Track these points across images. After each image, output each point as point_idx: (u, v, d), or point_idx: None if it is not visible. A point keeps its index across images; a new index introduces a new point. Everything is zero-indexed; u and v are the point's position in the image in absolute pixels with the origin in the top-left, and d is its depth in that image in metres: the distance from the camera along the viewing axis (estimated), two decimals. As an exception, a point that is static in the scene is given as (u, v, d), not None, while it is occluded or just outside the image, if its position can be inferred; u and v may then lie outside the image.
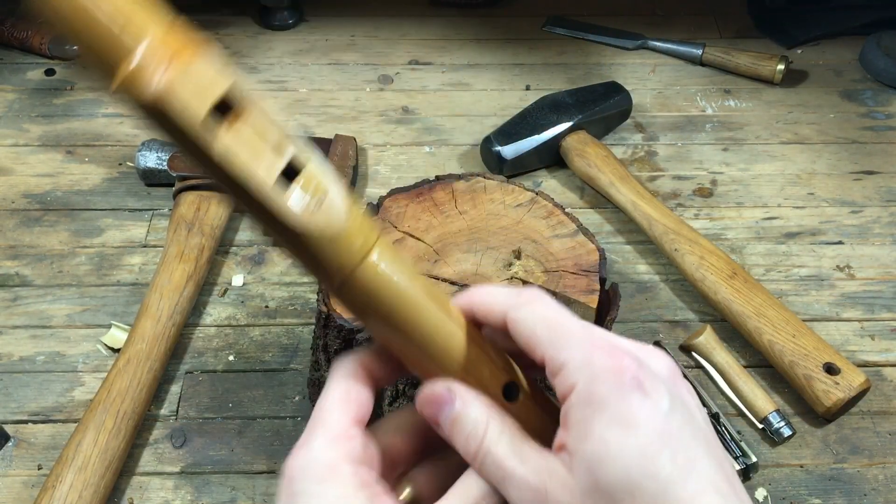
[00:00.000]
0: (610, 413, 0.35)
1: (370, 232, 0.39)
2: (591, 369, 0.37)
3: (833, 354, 0.84)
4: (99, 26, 0.34)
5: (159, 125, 0.35)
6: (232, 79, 0.35)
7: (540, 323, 0.39)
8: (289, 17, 1.31)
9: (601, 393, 0.36)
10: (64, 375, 0.86)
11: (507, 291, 0.42)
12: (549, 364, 0.38)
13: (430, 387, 0.41)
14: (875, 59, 1.23)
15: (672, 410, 0.36)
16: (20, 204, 1.03)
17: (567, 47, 1.30)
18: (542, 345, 0.39)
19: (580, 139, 1.07)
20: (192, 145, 0.35)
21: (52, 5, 0.34)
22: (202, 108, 0.34)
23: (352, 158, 1.06)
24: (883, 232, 1.03)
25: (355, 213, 0.38)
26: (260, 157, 0.35)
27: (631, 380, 0.36)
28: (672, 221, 0.96)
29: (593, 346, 0.38)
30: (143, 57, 0.34)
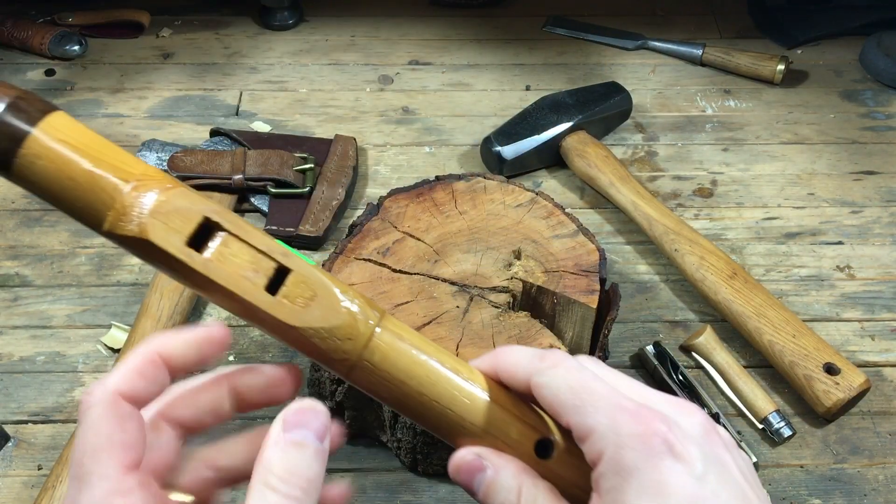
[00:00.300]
0: (640, 481, 0.34)
1: (370, 316, 0.40)
2: (618, 436, 0.36)
3: (833, 355, 0.84)
4: (78, 193, 0.38)
5: (146, 256, 0.38)
6: (205, 209, 0.39)
7: (564, 388, 0.38)
8: (289, 17, 1.31)
9: (630, 460, 0.35)
10: (64, 375, 0.86)
11: (531, 354, 0.41)
12: (576, 430, 0.37)
13: (460, 454, 0.40)
14: (875, 59, 1.23)
15: (706, 473, 0.35)
16: (20, 204, 1.03)
17: (567, 47, 1.30)
18: (567, 412, 0.38)
19: (580, 139, 1.07)
20: (176, 270, 0.38)
21: (34, 185, 0.39)
22: (180, 239, 0.38)
23: (352, 158, 1.06)
24: (883, 232, 1.03)
25: (351, 302, 0.40)
26: (243, 269, 0.39)
27: (661, 444, 0.35)
28: (672, 221, 0.96)
29: (619, 409, 0.37)
30: (121, 205, 0.38)
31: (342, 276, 0.77)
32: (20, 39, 1.23)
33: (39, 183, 0.39)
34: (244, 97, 1.19)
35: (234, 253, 0.39)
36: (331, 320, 0.39)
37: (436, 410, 0.40)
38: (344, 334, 0.39)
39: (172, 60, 1.25)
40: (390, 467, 0.80)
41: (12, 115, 0.38)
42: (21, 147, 0.38)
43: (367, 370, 0.40)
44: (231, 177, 1.00)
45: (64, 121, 0.39)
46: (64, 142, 0.39)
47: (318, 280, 0.39)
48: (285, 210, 1.00)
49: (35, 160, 0.39)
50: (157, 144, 1.05)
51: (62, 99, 1.18)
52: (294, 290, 0.39)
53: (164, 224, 0.38)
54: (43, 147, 0.38)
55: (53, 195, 0.39)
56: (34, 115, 0.38)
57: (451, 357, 0.42)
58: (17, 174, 0.39)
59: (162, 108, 1.17)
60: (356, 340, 0.40)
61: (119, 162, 0.39)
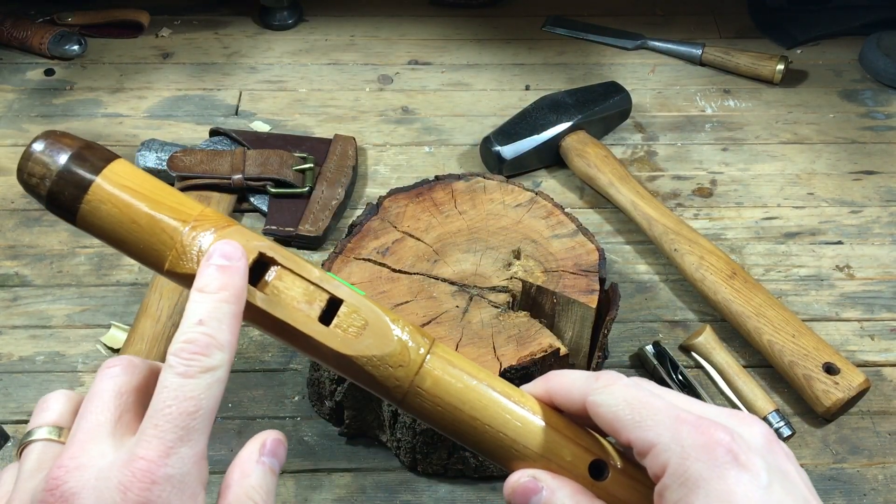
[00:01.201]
0: (707, 492, 0.34)
1: (421, 343, 0.42)
2: (682, 447, 0.35)
3: (833, 354, 0.84)
4: (141, 235, 0.41)
5: None
6: (260, 245, 0.41)
7: (621, 405, 0.39)
8: (288, 17, 1.31)
9: (695, 471, 0.35)
10: (64, 375, 0.86)
11: (584, 376, 0.41)
12: (637, 445, 0.37)
13: (515, 477, 0.40)
14: (875, 59, 1.23)
15: (771, 483, 0.35)
16: (20, 204, 1.03)
17: (567, 47, 1.30)
18: (626, 427, 0.38)
19: (580, 139, 1.07)
20: None
21: (99, 229, 0.41)
22: None
23: (351, 158, 1.06)
24: (882, 232, 1.03)
25: (402, 330, 0.41)
26: (297, 301, 0.41)
27: (725, 454, 0.35)
28: (672, 221, 0.96)
29: (680, 422, 0.37)
30: (181, 245, 0.40)
31: (342, 276, 0.77)
32: (20, 39, 1.23)
33: (104, 227, 0.41)
34: (244, 97, 1.19)
35: (288, 286, 0.41)
36: (383, 348, 0.40)
37: (489, 435, 0.41)
38: (396, 361, 0.41)
39: (172, 60, 1.25)
40: (390, 467, 0.80)
41: (77, 164, 0.41)
42: (86, 194, 0.41)
43: (419, 396, 0.41)
44: (230, 176, 1.00)
45: (125, 168, 0.42)
46: (125, 187, 0.41)
47: (370, 309, 0.41)
48: (285, 210, 1.00)
49: (99, 205, 0.41)
50: (157, 144, 1.05)
51: (62, 99, 1.18)
52: (346, 320, 0.41)
53: None
54: (106, 193, 0.41)
55: (117, 238, 0.41)
56: (97, 163, 0.41)
57: (501, 382, 0.43)
58: (83, 220, 0.41)
59: (161, 108, 1.17)
60: (408, 367, 0.41)
61: (177, 204, 0.41)
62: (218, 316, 0.38)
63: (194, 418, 0.36)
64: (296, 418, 0.84)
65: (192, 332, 0.37)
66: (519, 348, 0.72)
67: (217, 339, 0.37)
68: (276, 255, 0.41)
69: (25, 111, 1.15)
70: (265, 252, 0.41)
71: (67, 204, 0.41)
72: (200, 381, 0.36)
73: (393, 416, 0.76)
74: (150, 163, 1.03)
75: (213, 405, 0.37)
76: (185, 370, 0.36)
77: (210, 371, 0.37)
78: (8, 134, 1.12)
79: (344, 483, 0.79)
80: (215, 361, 0.37)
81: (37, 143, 0.41)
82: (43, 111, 1.15)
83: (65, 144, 0.41)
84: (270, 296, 0.40)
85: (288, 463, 0.80)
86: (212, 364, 0.37)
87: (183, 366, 0.36)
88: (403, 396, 0.41)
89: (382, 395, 0.42)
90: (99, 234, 0.42)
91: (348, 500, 0.78)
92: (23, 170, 0.41)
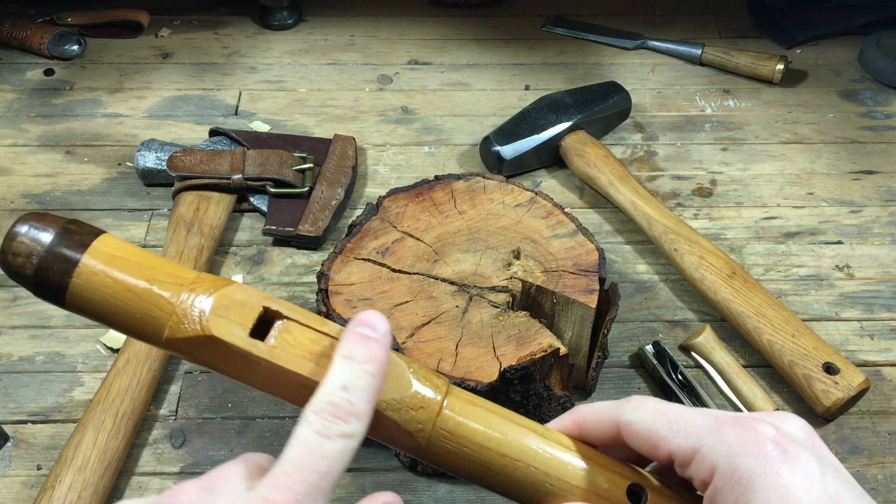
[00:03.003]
0: (764, 487, 0.33)
1: (437, 384, 0.41)
2: (727, 446, 0.35)
3: (832, 354, 0.84)
4: (136, 305, 0.39)
5: (209, 355, 0.39)
6: (263, 300, 0.40)
7: (657, 416, 0.38)
8: (288, 17, 1.31)
9: (746, 468, 0.34)
10: (63, 375, 0.86)
11: (612, 402, 0.41)
12: (679, 455, 0.37)
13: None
14: (874, 59, 1.23)
15: (824, 474, 0.34)
16: (19, 204, 1.03)
17: (567, 47, 1.30)
18: (666, 438, 0.37)
19: (579, 139, 1.07)
20: (242, 364, 0.39)
21: (91, 306, 0.40)
22: (243, 331, 0.39)
23: (351, 158, 1.06)
24: (882, 232, 1.03)
25: (416, 372, 0.40)
26: (307, 351, 0.39)
27: (773, 448, 0.34)
28: (671, 221, 0.96)
29: (721, 422, 0.36)
30: (181, 310, 0.39)
31: (341, 276, 0.77)
32: (19, 39, 1.23)
33: (96, 300, 0.40)
34: (243, 97, 1.19)
35: (296, 337, 0.40)
36: (402, 391, 0.40)
37: (520, 471, 0.40)
38: (416, 403, 0.40)
39: (171, 60, 1.25)
40: (389, 467, 0.80)
41: (64, 239, 0.39)
42: (77, 267, 0.39)
43: (444, 439, 0.40)
44: (230, 176, 1.00)
45: (113, 240, 0.41)
46: (117, 257, 0.40)
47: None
48: (284, 210, 1.00)
49: (91, 277, 0.39)
50: (157, 144, 1.05)
51: (61, 99, 1.18)
52: None
53: (226, 319, 0.39)
54: (97, 264, 0.40)
55: (111, 311, 0.40)
56: (85, 237, 0.40)
57: (524, 418, 0.42)
58: (73, 296, 0.40)
59: (161, 108, 1.17)
60: (429, 409, 0.40)
61: (172, 269, 0.40)
62: (361, 385, 0.38)
63: (324, 479, 0.36)
64: (295, 418, 0.84)
65: (335, 395, 0.37)
66: (519, 348, 0.72)
67: (357, 407, 0.37)
68: (281, 308, 0.40)
69: (25, 111, 1.15)
70: (269, 306, 0.40)
71: (56, 280, 0.39)
72: (336, 445, 0.36)
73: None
74: (149, 163, 1.03)
75: (340, 471, 0.37)
76: (324, 430, 0.36)
77: (346, 437, 0.37)
78: (8, 134, 1.12)
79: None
80: (352, 429, 0.37)
81: (19, 225, 0.40)
82: (43, 111, 1.15)
83: (49, 222, 0.40)
84: (279, 348, 0.39)
85: (288, 463, 0.80)
86: (349, 431, 0.37)
87: (322, 425, 0.36)
88: (427, 441, 0.40)
89: (405, 446, 0.41)
90: (90, 310, 0.40)
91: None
92: (6, 251, 0.39)
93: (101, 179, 1.07)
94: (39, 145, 1.10)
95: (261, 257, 0.98)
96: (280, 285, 0.95)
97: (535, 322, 0.74)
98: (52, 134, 1.12)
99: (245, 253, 0.99)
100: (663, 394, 0.86)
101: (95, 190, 1.05)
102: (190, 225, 0.96)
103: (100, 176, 1.07)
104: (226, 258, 0.98)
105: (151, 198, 1.05)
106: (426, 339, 0.72)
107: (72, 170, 1.07)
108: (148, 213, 1.03)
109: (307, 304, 0.93)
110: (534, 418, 0.43)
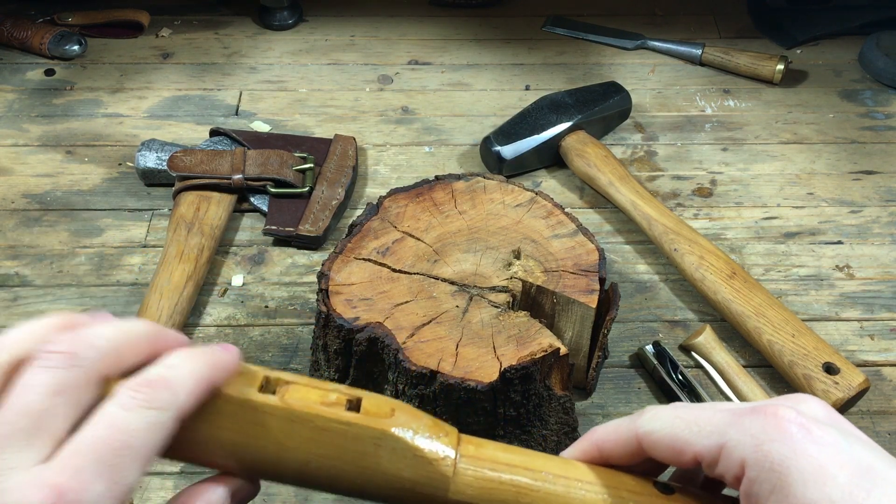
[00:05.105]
0: (798, 471, 0.33)
1: (449, 435, 0.40)
2: (752, 436, 0.35)
3: (832, 354, 0.84)
4: None
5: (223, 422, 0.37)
6: (263, 371, 0.39)
7: (676, 423, 0.38)
8: (288, 17, 1.31)
9: (776, 453, 0.34)
10: (64, 375, 0.86)
11: (625, 418, 0.40)
12: (706, 455, 0.36)
13: None
14: (874, 59, 1.23)
15: (852, 447, 0.34)
16: (20, 204, 1.03)
17: (567, 47, 1.30)
18: (688, 441, 0.37)
19: (580, 139, 1.07)
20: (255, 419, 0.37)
21: None
22: (253, 385, 0.38)
23: (351, 158, 1.06)
24: (882, 232, 1.03)
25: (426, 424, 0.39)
26: (319, 401, 0.38)
27: (798, 430, 0.34)
28: (671, 221, 0.96)
29: (739, 414, 0.36)
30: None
31: (342, 276, 0.77)
32: (20, 39, 1.23)
33: None
34: (244, 97, 1.19)
35: (304, 394, 0.39)
36: (420, 420, 0.39)
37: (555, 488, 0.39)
38: (437, 430, 0.39)
39: (172, 60, 1.25)
40: (390, 467, 0.80)
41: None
42: None
43: (472, 460, 0.39)
44: (230, 176, 1.00)
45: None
46: None
47: (390, 400, 0.40)
48: (285, 210, 1.00)
49: None
50: (157, 144, 1.05)
51: (62, 99, 1.18)
52: (373, 409, 0.39)
53: (233, 382, 0.38)
54: None
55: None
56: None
57: (536, 454, 0.41)
58: None
59: (161, 108, 1.17)
60: (450, 437, 0.39)
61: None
62: (187, 367, 0.35)
63: (120, 456, 0.32)
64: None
65: (151, 372, 0.35)
66: (519, 348, 0.72)
67: (173, 383, 0.34)
68: (280, 376, 0.39)
69: (25, 111, 1.15)
70: (269, 375, 0.39)
71: None
72: (139, 416, 0.33)
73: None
74: (150, 163, 1.03)
75: (145, 448, 0.33)
76: (126, 402, 0.33)
77: (151, 409, 0.33)
78: (8, 134, 1.12)
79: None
80: (162, 402, 0.34)
81: None
82: (43, 111, 1.16)
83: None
84: (291, 398, 0.38)
85: (288, 463, 0.80)
86: (158, 402, 0.34)
87: (128, 397, 0.33)
88: (454, 471, 0.39)
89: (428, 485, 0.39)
90: None
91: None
92: None
93: (102, 179, 1.07)
94: (40, 145, 1.10)
95: (261, 257, 0.98)
96: (280, 285, 0.95)
97: (536, 322, 0.74)
98: (52, 134, 1.12)
99: (245, 253, 0.99)
100: (663, 394, 0.86)
101: (96, 190, 1.05)
102: (190, 225, 0.96)
103: (100, 176, 1.07)
104: (226, 258, 0.98)
105: (152, 198, 1.05)
106: (426, 339, 0.72)
107: (72, 170, 1.07)
108: (148, 213, 1.03)
109: (308, 304, 0.93)
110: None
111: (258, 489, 0.39)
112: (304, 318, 0.92)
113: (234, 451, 0.38)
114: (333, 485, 0.39)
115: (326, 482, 0.39)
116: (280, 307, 0.93)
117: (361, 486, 0.39)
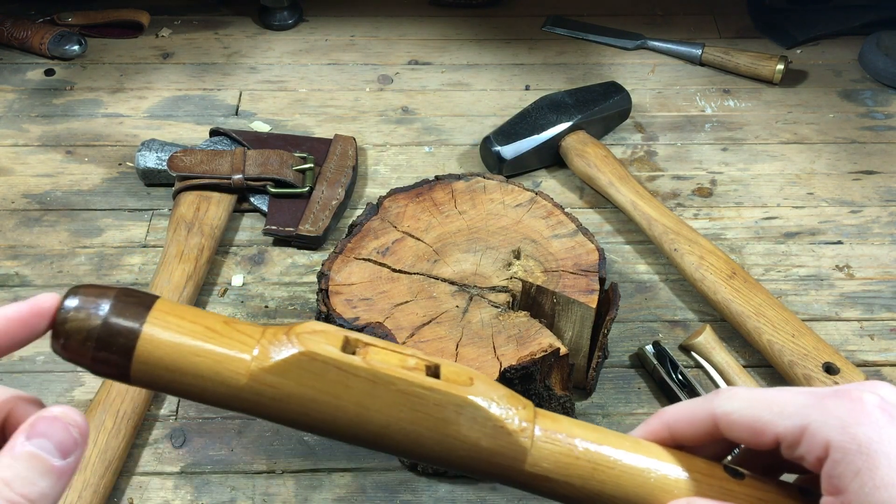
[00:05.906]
0: (886, 455, 0.34)
1: (526, 408, 0.39)
2: (837, 418, 0.35)
3: (832, 354, 0.84)
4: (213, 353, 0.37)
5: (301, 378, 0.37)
6: (341, 331, 0.39)
7: (755, 404, 0.38)
8: (288, 17, 1.31)
9: (864, 436, 0.34)
10: (64, 375, 0.86)
11: (698, 398, 0.40)
12: (787, 436, 0.37)
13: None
14: (874, 59, 1.23)
15: None
16: (20, 204, 1.03)
17: (567, 47, 1.30)
18: (770, 422, 0.37)
19: (580, 139, 1.07)
20: (337, 378, 0.37)
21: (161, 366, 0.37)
22: (336, 348, 0.38)
23: (351, 158, 1.06)
24: (882, 232, 1.03)
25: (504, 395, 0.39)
26: (399, 365, 0.38)
27: (882, 414, 0.35)
28: (671, 221, 0.96)
29: (821, 396, 0.36)
30: (263, 348, 0.37)
31: (342, 276, 0.77)
32: (20, 39, 1.23)
33: (168, 359, 0.37)
34: (244, 97, 1.19)
35: (384, 357, 0.38)
36: (499, 390, 0.39)
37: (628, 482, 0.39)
38: (516, 401, 0.39)
39: (172, 60, 1.25)
40: (390, 467, 0.80)
41: (118, 316, 0.36)
42: (136, 348, 0.36)
43: (548, 441, 0.39)
44: (230, 176, 1.00)
45: (170, 304, 0.38)
46: (181, 317, 0.38)
47: (468, 368, 0.40)
48: (285, 210, 1.00)
49: (161, 333, 0.37)
50: (157, 144, 1.05)
51: (62, 99, 1.18)
52: (453, 377, 0.39)
53: (315, 340, 0.37)
54: (165, 324, 0.37)
55: (186, 366, 0.37)
56: (144, 300, 0.37)
57: (607, 430, 0.41)
58: (137, 375, 0.37)
59: (161, 108, 1.17)
60: (527, 409, 0.39)
61: (240, 329, 0.38)
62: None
63: None
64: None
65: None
66: (519, 348, 0.72)
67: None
68: (360, 337, 0.39)
69: (25, 111, 1.15)
70: (349, 336, 0.39)
71: (119, 361, 0.36)
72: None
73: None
74: (150, 163, 1.03)
75: None
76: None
77: None
78: (8, 134, 1.12)
79: (344, 483, 0.79)
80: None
81: (68, 299, 0.36)
82: (43, 111, 1.16)
83: (100, 294, 0.36)
84: (373, 361, 0.38)
85: (288, 463, 0.80)
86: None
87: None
88: (532, 443, 0.38)
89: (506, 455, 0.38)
90: (162, 371, 0.37)
91: (348, 499, 0.78)
92: (59, 334, 0.36)
93: (102, 179, 1.07)
94: (40, 145, 1.10)
95: (261, 257, 0.98)
96: (280, 285, 0.95)
97: (536, 322, 0.74)
98: (52, 134, 1.12)
99: (245, 253, 0.99)
100: (663, 394, 0.86)
101: (96, 190, 1.05)
102: (190, 225, 0.96)
103: (100, 176, 1.07)
104: (226, 258, 0.98)
105: (152, 198, 1.05)
106: (426, 339, 0.72)
107: (72, 170, 1.07)
108: (148, 213, 1.03)
109: (308, 304, 0.93)
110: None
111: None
112: (304, 318, 0.92)
113: (315, 410, 0.38)
114: (410, 449, 0.39)
115: (404, 446, 0.39)
116: (280, 307, 0.93)
117: (438, 453, 0.39)
